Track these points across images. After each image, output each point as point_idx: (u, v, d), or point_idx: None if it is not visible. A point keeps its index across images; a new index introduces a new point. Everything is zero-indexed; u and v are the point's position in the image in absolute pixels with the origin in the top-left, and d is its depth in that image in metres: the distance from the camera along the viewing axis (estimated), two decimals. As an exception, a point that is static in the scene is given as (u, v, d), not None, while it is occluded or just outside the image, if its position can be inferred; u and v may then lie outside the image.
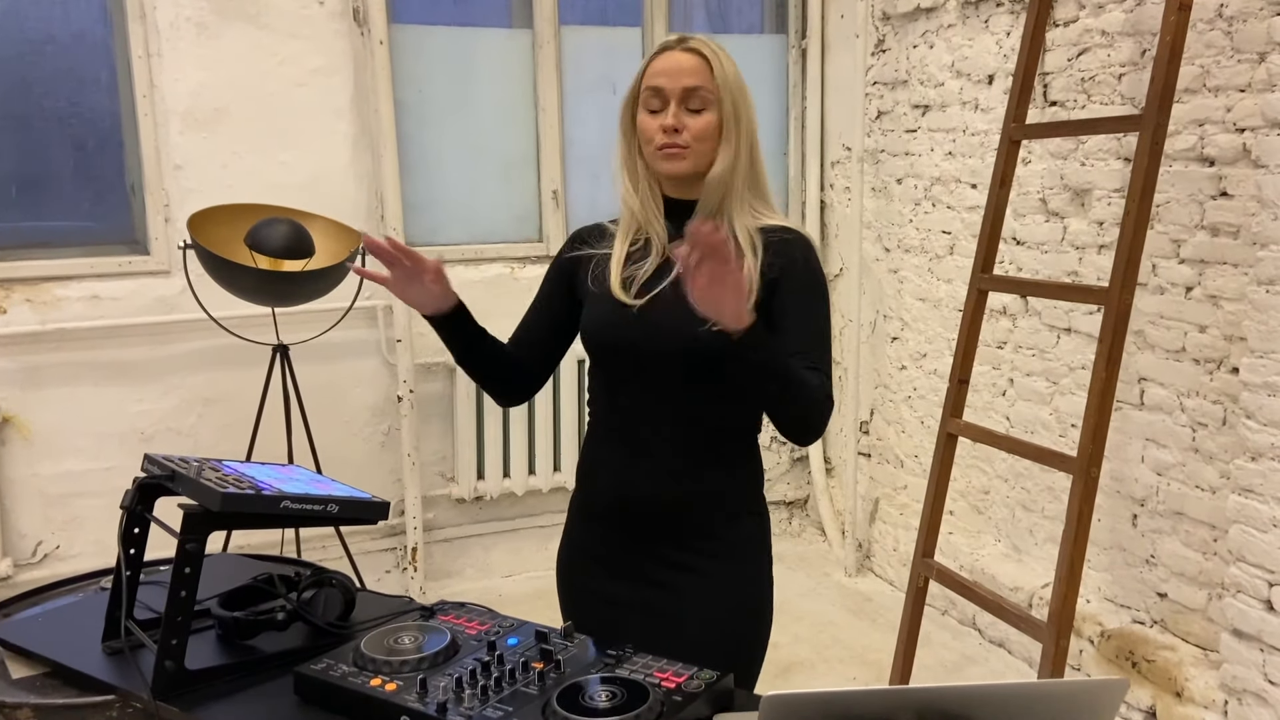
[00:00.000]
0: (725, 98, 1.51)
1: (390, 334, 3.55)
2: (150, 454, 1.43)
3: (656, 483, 1.54)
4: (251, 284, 2.84)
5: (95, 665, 1.34)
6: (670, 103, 1.50)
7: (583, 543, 1.66)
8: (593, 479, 1.64)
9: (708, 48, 1.52)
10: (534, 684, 1.20)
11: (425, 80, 3.59)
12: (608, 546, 1.60)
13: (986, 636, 3.30)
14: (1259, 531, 2.35)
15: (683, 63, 1.51)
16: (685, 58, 1.51)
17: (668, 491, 1.54)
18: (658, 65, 1.52)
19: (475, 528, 3.81)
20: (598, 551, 1.62)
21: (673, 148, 1.50)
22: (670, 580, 1.55)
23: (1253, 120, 2.40)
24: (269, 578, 1.50)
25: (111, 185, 3.33)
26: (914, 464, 3.73)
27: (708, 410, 1.53)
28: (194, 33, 3.27)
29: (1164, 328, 2.69)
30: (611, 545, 1.60)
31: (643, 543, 1.57)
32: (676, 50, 1.52)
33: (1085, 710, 0.82)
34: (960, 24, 3.35)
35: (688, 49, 1.52)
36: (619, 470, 1.58)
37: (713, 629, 1.52)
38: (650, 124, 1.52)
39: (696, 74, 1.50)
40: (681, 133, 1.50)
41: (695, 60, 1.51)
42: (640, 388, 1.54)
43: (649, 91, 1.52)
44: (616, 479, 1.58)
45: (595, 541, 1.62)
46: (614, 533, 1.59)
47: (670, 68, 1.51)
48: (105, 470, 3.30)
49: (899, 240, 3.71)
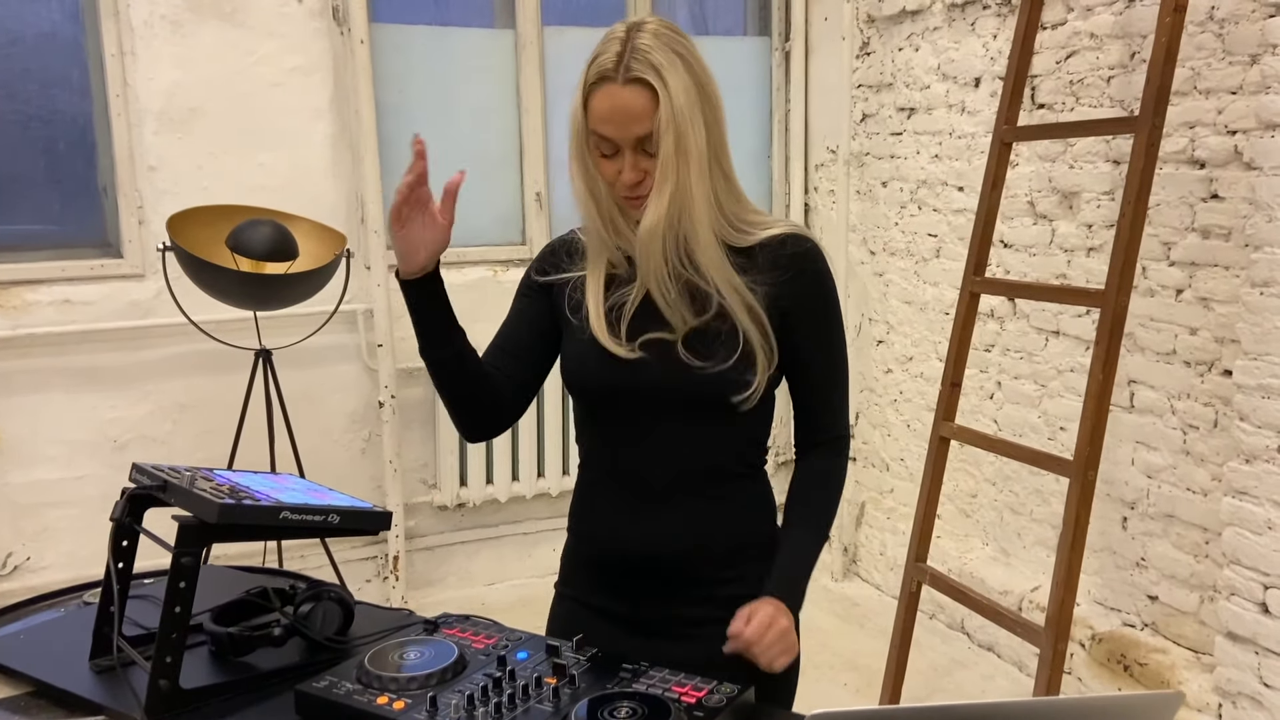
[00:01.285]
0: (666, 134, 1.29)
1: (371, 338, 3.49)
2: (138, 463, 1.37)
3: (668, 537, 1.39)
4: (234, 287, 2.77)
5: (84, 684, 1.28)
6: (624, 151, 1.32)
7: (589, 599, 1.47)
8: (596, 532, 1.46)
9: (652, 72, 1.29)
10: (548, 700, 1.16)
11: (406, 80, 3.53)
12: (623, 604, 1.43)
13: (975, 640, 3.29)
14: (1254, 534, 2.35)
15: (628, 105, 1.30)
16: (629, 96, 1.29)
17: (682, 544, 1.39)
18: (601, 107, 1.31)
19: (458, 535, 3.75)
20: (610, 609, 1.44)
21: (636, 199, 1.35)
22: (695, 634, 1.39)
23: (1244, 123, 2.40)
24: (263, 591, 1.45)
25: (83, 187, 3.25)
26: (900, 468, 3.71)
27: (713, 452, 1.40)
28: (169, 31, 3.20)
29: (1155, 330, 2.68)
30: (627, 602, 1.43)
31: (661, 598, 1.42)
32: (618, 84, 1.30)
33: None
34: (946, 27, 3.34)
35: (630, 80, 1.29)
36: (624, 524, 1.42)
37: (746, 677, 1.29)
38: (607, 169, 1.35)
39: (644, 118, 1.29)
40: (644, 181, 1.33)
41: (641, 98, 1.29)
42: (638, 433, 1.40)
43: (597, 137, 1.33)
44: (622, 534, 1.42)
45: (606, 598, 1.45)
46: (627, 590, 1.43)
47: (614, 113, 1.31)
48: (77, 479, 3.21)
49: (884, 243, 3.70)
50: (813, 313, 1.40)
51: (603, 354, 1.38)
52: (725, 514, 1.42)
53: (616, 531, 1.43)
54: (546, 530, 3.79)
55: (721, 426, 1.39)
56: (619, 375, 1.38)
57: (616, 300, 1.40)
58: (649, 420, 1.39)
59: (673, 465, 1.40)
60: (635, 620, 1.42)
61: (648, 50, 1.30)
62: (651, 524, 1.41)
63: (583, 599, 1.48)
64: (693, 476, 1.40)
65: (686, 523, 1.40)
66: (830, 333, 1.43)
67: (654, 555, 1.40)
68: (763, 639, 1.29)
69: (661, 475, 1.40)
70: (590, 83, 1.32)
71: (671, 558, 1.40)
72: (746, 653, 1.29)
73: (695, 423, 1.38)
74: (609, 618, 1.44)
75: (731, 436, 1.41)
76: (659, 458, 1.40)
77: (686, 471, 1.40)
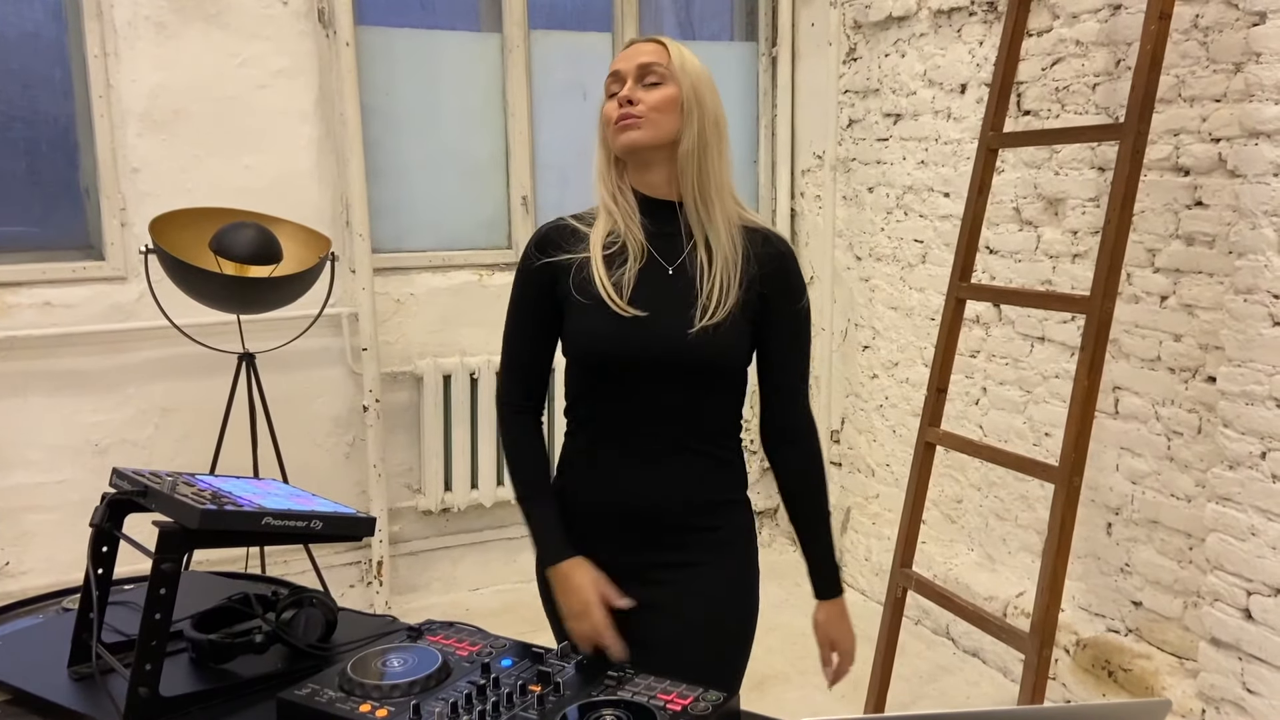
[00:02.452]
0: (684, 79, 1.51)
1: (356, 342, 3.47)
2: (119, 468, 1.35)
3: (656, 489, 1.52)
4: (217, 290, 2.75)
5: (62, 692, 1.26)
6: (627, 80, 1.51)
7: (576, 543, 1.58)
8: (584, 483, 1.58)
9: (668, 39, 1.55)
10: (533, 708, 1.15)
11: (392, 83, 3.52)
12: (604, 551, 1.55)
13: (960, 646, 3.29)
14: (1237, 540, 2.36)
15: (640, 47, 1.53)
16: (644, 44, 1.55)
17: (668, 497, 1.52)
18: (618, 57, 1.56)
19: (442, 540, 3.73)
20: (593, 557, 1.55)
21: (627, 119, 1.49)
22: (668, 578, 1.54)
23: (1228, 130, 2.41)
24: (244, 597, 1.43)
25: (65, 189, 3.22)
26: (885, 473, 3.71)
27: (701, 413, 1.53)
28: (152, 32, 3.17)
29: (1139, 336, 2.69)
30: (609, 550, 1.55)
31: (642, 548, 1.54)
32: (638, 41, 1.56)
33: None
34: (932, 33, 3.35)
35: (649, 39, 1.56)
36: (614, 476, 1.54)
37: (712, 608, 1.54)
38: (609, 105, 1.53)
39: (652, 54, 1.52)
40: (636, 104, 1.49)
41: (652, 45, 1.54)
42: (637, 394, 1.51)
43: (610, 79, 1.54)
44: (612, 485, 1.54)
45: (588, 547, 1.55)
46: (611, 538, 1.55)
47: (628, 53, 1.54)
48: (58, 483, 3.18)
49: (870, 249, 3.70)
50: (790, 304, 1.56)
51: (609, 316, 1.48)
52: (711, 471, 1.56)
53: (614, 486, 1.54)
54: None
55: (713, 391, 1.53)
56: (624, 338, 1.48)
57: (619, 271, 1.50)
58: (648, 382, 1.50)
59: (668, 425, 1.51)
60: (612, 566, 1.54)
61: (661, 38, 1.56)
62: (646, 480, 1.52)
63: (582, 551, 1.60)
64: (684, 436, 1.52)
65: (676, 479, 1.53)
66: (804, 328, 1.61)
67: (644, 508, 1.53)
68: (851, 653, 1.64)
69: (658, 435, 1.52)
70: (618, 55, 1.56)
71: (659, 510, 1.53)
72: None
73: (690, 384, 1.50)
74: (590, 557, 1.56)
75: (720, 400, 1.55)
76: (656, 418, 1.51)
77: (679, 431, 1.52)
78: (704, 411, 1.53)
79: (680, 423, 1.52)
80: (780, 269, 1.55)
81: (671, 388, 1.50)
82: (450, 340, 3.60)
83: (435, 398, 3.56)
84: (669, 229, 1.53)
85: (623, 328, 1.48)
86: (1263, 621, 2.31)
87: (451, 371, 3.57)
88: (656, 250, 1.52)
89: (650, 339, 1.48)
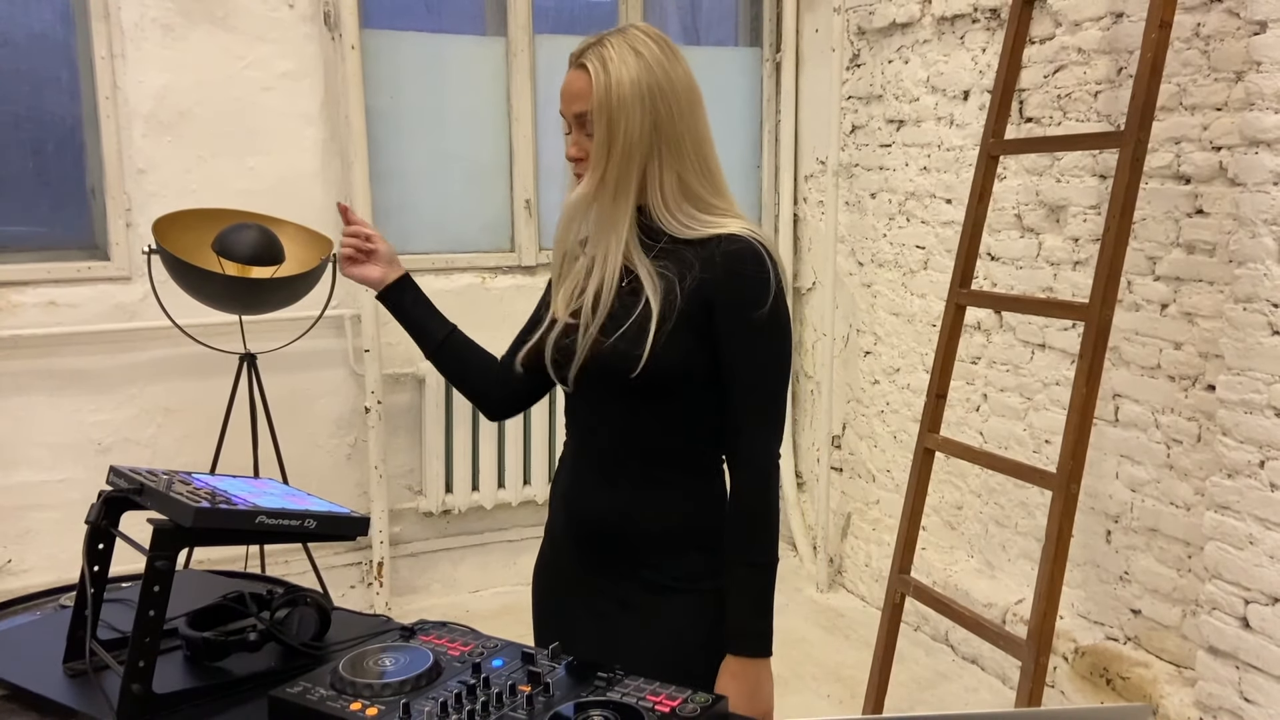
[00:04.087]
0: (599, 117, 1.40)
1: (358, 343, 3.48)
2: (116, 466, 1.36)
3: (609, 506, 1.50)
4: (219, 291, 2.76)
5: (56, 688, 1.27)
6: (570, 128, 1.47)
7: (549, 561, 1.65)
8: (555, 498, 1.63)
9: (596, 58, 1.41)
10: (522, 708, 1.15)
11: (397, 86, 3.53)
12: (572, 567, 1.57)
13: (959, 653, 3.28)
14: (1235, 549, 2.35)
15: (571, 84, 1.45)
16: (574, 78, 1.44)
17: (618, 515, 1.49)
18: (561, 89, 1.48)
19: (443, 542, 3.74)
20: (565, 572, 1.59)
21: (578, 176, 1.47)
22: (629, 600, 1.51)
23: (1229, 139, 2.41)
24: (239, 595, 1.43)
25: (71, 189, 3.24)
26: (886, 479, 3.71)
27: (659, 430, 1.47)
28: (159, 34, 3.19)
29: (1139, 344, 2.69)
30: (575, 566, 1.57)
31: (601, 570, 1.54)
32: (571, 67, 1.46)
33: (1107, 737, 0.79)
34: (936, 40, 3.35)
35: (578, 65, 1.44)
36: (576, 491, 1.55)
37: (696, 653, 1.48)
38: (566, 146, 1.50)
39: (581, 97, 1.43)
40: (584, 159, 1.45)
41: (581, 80, 1.43)
42: (590, 408, 1.51)
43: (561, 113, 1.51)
44: (573, 499, 1.56)
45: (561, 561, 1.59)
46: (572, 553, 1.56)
47: (563, 91, 1.47)
48: (60, 482, 3.20)
49: (872, 254, 3.71)
50: (734, 315, 1.41)
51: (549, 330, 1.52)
52: (671, 496, 1.49)
53: (572, 502, 1.56)
54: (532, 538, 3.78)
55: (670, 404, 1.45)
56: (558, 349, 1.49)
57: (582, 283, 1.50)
58: (593, 398, 1.50)
59: (622, 439, 1.49)
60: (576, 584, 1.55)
61: (606, 45, 1.42)
62: (597, 497, 1.52)
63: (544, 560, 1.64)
64: (641, 452, 1.48)
65: (626, 500, 1.49)
66: (752, 343, 1.42)
67: (594, 527, 1.51)
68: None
69: (612, 449, 1.50)
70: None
71: (608, 532, 1.50)
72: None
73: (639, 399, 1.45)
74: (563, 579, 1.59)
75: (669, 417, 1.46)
76: (610, 431, 1.50)
77: (634, 446, 1.48)
78: (661, 429, 1.47)
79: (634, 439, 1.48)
80: (727, 271, 1.40)
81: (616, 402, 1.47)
82: (452, 343, 3.61)
83: (437, 399, 3.57)
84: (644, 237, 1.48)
85: (557, 336, 1.50)
86: (1261, 630, 2.30)
87: (453, 374, 3.57)
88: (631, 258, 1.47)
89: (564, 346, 1.48)
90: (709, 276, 1.41)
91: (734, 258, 1.41)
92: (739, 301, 1.41)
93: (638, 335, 1.41)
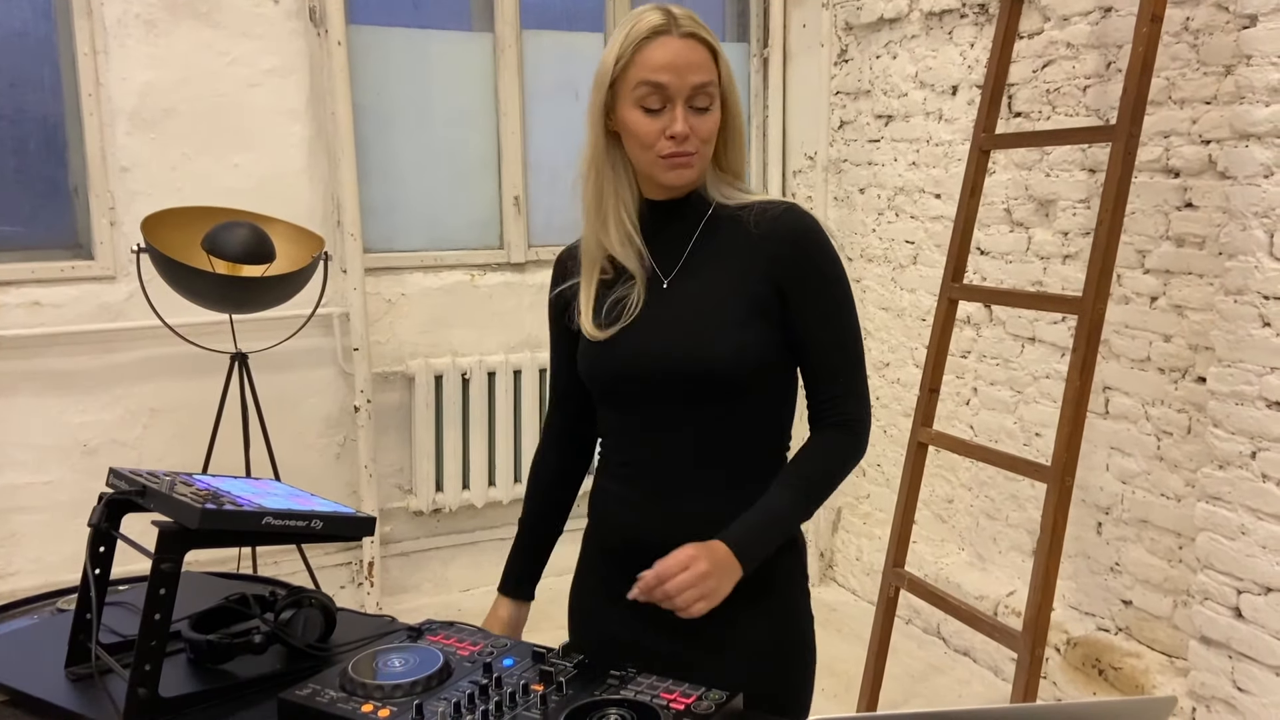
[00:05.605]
0: (730, 95, 1.36)
1: (347, 342, 3.46)
2: (116, 468, 1.35)
3: (672, 524, 1.35)
4: (210, 290, 2.74)
5: (60, 693, 1.25)
6: (675, 102, 1.31)
7: (598, 583, 1.48)
8: (605, 515, 1.47)
9: (706, 31, 1.34)
10: (536, 707, 1.15)
11: (384, 83, 3.51)
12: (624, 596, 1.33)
13: (951, 645, 3.30)
14: (1227, 539, 2.37)
15: (688, 55, 1.30)
16: (688, 48, 1.31)
17: (685, 533, 1.31)
18: (655, 56, 1.30)
19: (433, 541, 3.72)
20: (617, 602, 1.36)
21: (681, 156, 1.33)
22: (698, 628, 1.32)
23: (1218, 132, 2.43)
24: (242, 597, 1.42)
25: (53, 188, 3.20)
26: (876, 473, 3.73)
27: (722, 436, 1.36)
28: (142, 30, 3.16)
29: (1129, 337, 2.71)
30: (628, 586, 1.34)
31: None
32: (674, 36, 1.30)
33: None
34: (924, 35, 3.36)
35: (685, 35, 1.31)
36: (631, 509, 1.41)
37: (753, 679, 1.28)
38: (649, 126, 1.32)
39: (704, 68, 1.32)
40: (690, 138, 1.32)
41: (700, 52, 1.32)
42: (642, 421, 1.39)
43: (647, 88, 1.30)
44: (629, 518, 1.41)
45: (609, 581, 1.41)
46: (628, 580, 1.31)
47: (672, 61, 1.30)
48: (46, 484, 3.16)
49: (862, 250, 3.71)
50: (810, 282, 1.36)
51: (591, 348, 1.41)
52: (740, 504, 1.35)
53: (627, 515, 1.42)
54: (523, 536, 3.77)
55: (732, 405, 1.35)
56: (607, 362, 1.39)
57: (620, 290, 1.40)
58: (650, 405, 1.38)
59: (680, 450, 1.37)
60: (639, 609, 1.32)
61: (690, 17, 1.33)
62: (657, 512, 1.38)
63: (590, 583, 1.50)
64: (703, 462, 1.37)
65: (694, 513, 1.36)
66: (837, 310, 1.38)
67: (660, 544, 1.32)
68: (671, 577, 1.25)
69: (670, 462, 1.38)
70: (639, 38, 1.32)
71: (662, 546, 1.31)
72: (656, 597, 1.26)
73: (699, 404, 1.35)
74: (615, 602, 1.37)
75: (744, 418, 1.37)
76: (666, 443, 1.38)
77: (695, 456, 1.37)
78: (725, 435, 1.36)
79: (695, 449, 1.37)
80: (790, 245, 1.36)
81: (676, 410, 1.36)
82: (442, 340, 3.60)
83: (427, 398, 3.55)
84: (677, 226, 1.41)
85: (600, 352, 1.39)
86: (1253, 620, 2.32)
87: (443, 372, 3.56)
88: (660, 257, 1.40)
89: (633, 360, 1.37)
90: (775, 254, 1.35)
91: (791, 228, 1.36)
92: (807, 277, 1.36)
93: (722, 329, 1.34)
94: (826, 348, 1.38)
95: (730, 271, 1.37)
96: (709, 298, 1.36)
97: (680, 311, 1.37)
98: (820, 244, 1.38)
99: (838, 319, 1.39)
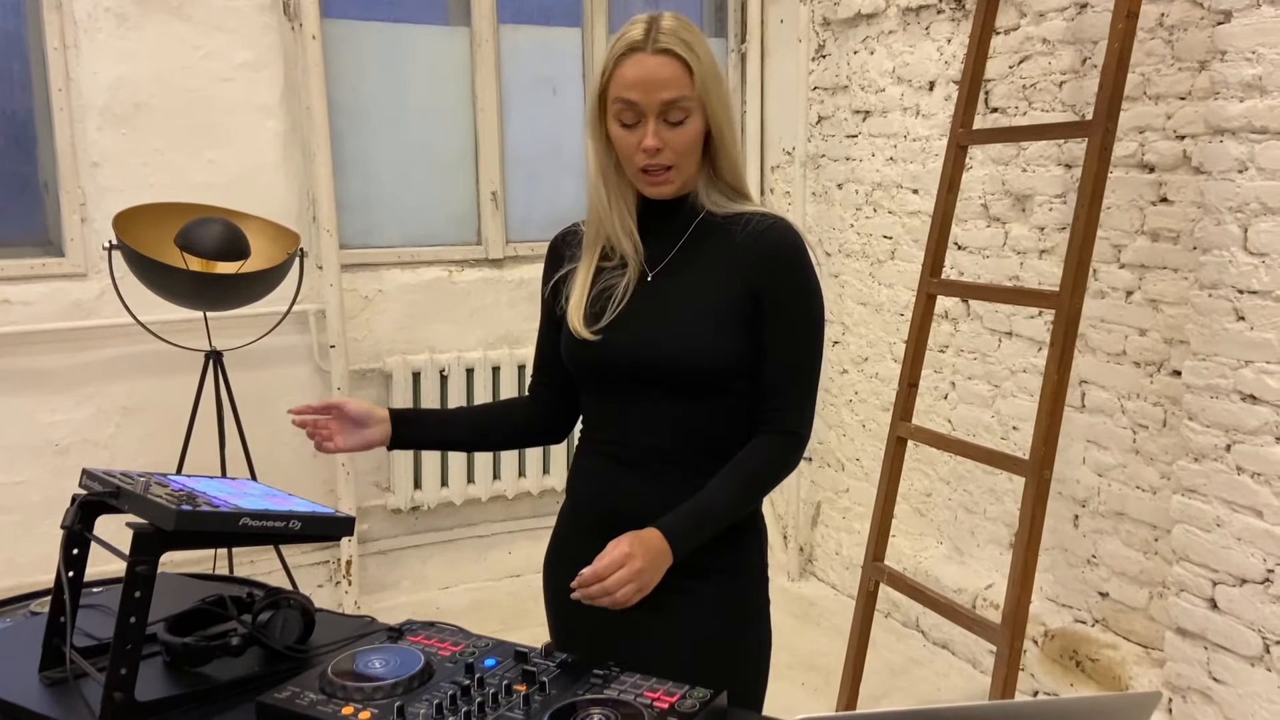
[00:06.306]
0: (708, 100, 1.38)
1: (324, 339, 3.43)
2: (89, 469, 1.32)
3: (644, 500, 1.43)
4: (184, 287, 2.70)
5: (33, 697, 1.23)
6: (647, 118, 1.36)
7: (571, 550, 1.52)
8: (580, 488, 1.55)
9: (681, 44, 1.36)
10: (519, 708, 1.14)
11: (359, 77, 3.48)
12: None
13: (930, 639, 3.32)
14: (1202, 531, 2.39)
15: (658, 72, 1.35)
16: (658, 64, 1.35)
17: (660, 509, 1.40)
18: (627, 73, 1.36)
19: (411, 539, 3.70)
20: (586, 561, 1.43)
21: (656, 169, 1.40)
22: (662, 602, 1.40)
23: (1193, 128, 2.45)
24: (219, 599, 1.40)
25: (23, 184, 3.15)
26: (855, 468, 3.74)
27: (697, 424, 1.44)
28: (113, 24, 3.11)
29: (1105, 331, 2.73)
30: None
31: None
32: (647, 54, 1.35)
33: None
34: (901, 30, 3.37)
35: (659, 50, 1.35)
36: (607, 483, 1.49)
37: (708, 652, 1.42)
38: (627, 140, 1.39)
39: (673, 84, 1.35)
40: (663, 151, 1.38)
41: (670, 67, 1.35)
42: (621, 404, 1.47)
43: (621, 104, 1.37)
44: (604, 492, 1.49)
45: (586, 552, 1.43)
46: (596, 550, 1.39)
47: (641, 78, 1.35)
48: (16, 485, 3.12)
49: (840, 245, 3.72)
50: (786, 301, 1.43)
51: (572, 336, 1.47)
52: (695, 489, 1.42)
53: (603, 488, 1.49)
54: (502, 534, 3.76)
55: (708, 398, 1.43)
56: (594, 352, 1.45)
57: (611, 281, 1.46)
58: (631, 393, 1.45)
59: (657, 434, 1.44)
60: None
61: (672, 30, 1.37)
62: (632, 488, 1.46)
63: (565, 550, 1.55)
64: (677, 446, 1.44)
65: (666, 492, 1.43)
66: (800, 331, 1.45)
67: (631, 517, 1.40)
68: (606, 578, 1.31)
69: (647, 443, 1.45)
70: (618, 55, 1.38)
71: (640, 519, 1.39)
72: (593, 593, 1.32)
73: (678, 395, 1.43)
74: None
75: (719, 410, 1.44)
76: (644, 427, 1.45)
77: (671, 441, 1.44)
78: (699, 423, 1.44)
79: (671, 434, 1.44)
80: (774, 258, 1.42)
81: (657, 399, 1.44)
82: (419, 337, 3.57)
83: (404, 395, 3.53)
84: (669, 226, 1.47)
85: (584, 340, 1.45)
86: (1229, 611, 2.35)
87: (421, 369, 3.54)
88: (650, 253, 1.47)
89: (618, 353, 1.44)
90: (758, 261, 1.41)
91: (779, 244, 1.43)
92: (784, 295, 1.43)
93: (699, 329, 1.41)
94: (783, 359, 1.44)
95: (712, 275, 1.44)
96: (691, 296, 1.44)
97: (664, 307, 1.44)
98: (800, 262, 1.44)
99: (802, 334, 1.45)
